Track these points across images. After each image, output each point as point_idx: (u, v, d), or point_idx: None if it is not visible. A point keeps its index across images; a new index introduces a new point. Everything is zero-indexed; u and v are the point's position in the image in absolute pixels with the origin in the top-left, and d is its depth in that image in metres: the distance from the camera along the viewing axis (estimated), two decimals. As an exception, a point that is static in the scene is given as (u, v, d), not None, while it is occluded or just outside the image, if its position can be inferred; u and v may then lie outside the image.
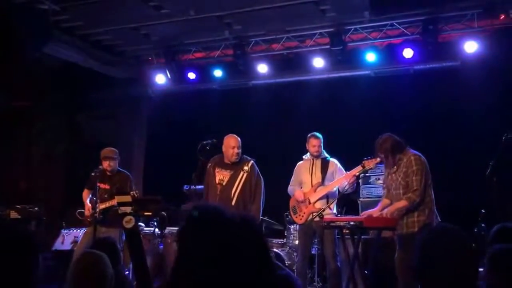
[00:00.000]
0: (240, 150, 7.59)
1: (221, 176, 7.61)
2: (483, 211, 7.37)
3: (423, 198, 6.29)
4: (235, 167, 7.62)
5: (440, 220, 6.41)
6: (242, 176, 7.50)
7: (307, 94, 10.81)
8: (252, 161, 7.63)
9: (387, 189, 6.74)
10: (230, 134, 7.73)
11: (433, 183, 6.48)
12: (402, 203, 6.31)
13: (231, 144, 7.60)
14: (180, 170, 9.31)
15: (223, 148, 7.69)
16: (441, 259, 2.51)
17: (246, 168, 7.53)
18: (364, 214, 6.77)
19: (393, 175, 6.56)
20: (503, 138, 7.31)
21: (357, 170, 7.31)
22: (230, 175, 7.57)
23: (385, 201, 6.70)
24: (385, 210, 6.48)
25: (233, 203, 7.40)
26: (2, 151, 10.82)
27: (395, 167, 6.55)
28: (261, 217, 7.96)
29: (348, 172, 7.50)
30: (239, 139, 7.64)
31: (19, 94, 10.64)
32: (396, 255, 6.48)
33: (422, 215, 6.29)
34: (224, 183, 7.55)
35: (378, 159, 7.05)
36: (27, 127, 11.40)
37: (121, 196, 7.91)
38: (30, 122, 11.45)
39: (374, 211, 6.67)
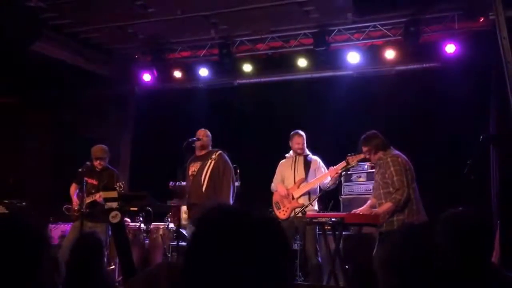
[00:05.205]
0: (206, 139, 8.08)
1: (194, 168, 8.00)
2: (460, 208, 7.51)
3: (408, 196, 6.39)
4: (204, 157, 7.99)
5: (427, 219, 6.47)
6: (210, 164, 7.84)
7: (291, 94, 10.93)
8: (220, 151, 7.98)
9: (374, 189, 6.90)
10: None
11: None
12: (388, 205, 6.43)
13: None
14: (166, 166, 9.44)
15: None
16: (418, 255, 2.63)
17: (213, 156, 7.88)
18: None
19: (376, 175, 6.75)
20: (480, 138, 7.53)
21: (341, 166, 7.44)
22: (200, 164, 7.90)
23: (373, 200, 6.83)
24: (374, 210, 6.64)
25: (203, 189, 7.73)
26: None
27: (377, 167, 6.72)
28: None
29: (332, 168, 7.62)
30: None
31: (7, 91, 10.71)
32: (375, 251, 6.65)
33: (401, 214, 6.40)
34: (195, 173, 7.90)
35: (362, 155, 7.21)
36: (15, 123, 11.45)
37: (107, 192, 8.08)
38: (18, 118, 11.50)
39: (362, 210, 6.82)
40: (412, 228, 2.92)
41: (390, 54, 9.92)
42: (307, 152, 8.03)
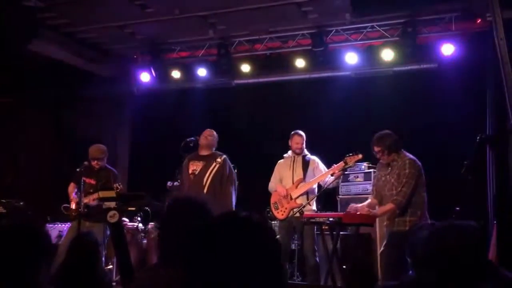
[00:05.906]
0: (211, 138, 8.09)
1: (195, 167, 7.96)
2: (457, 208, 7.54)
3: (410, 200, 6.33)
4: (208, 158, 7.97)
5: (429, 221, 6.48)
6: (214, 166, 7.83)
7: (289, 94, 10.96)
8: (224, 156, 7.98)
9: (377, 191, 6.78)
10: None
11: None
12: (389, 206, 6.37)
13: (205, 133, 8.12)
14: (164, 166, 9.45)
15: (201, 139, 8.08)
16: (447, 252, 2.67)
17: (219, 160, 7.88)
18: (351, 207, 6.74)
19: (387, 176, 6.57)
20: (477, 138, 7.54)
21: (339, 166, 7.45)
22: (203, 165, 7.91)
23: (373, 200, 6.75)
24: (373, 211, 6.59)
25: (205, 190, 7.72)
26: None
27: (389, 168, 6.58)
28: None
29: (335, 165, 7.56)
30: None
31: (4, 90, 10.72)
32: (382, 250, 6.63)
33: (414, 215, 6.34)
34: (196, 172, 7.89)
35: (360, 156, 7.20)
36: (13, 123, 11.45)
37: (105, 191, 8.07)
38: (17, 118, 11.51)
39: (360, 206, 6.72)
40: (442, 228, 2.94)
41: (387, 54, 9.94)
42: (306, 152, 8.05)
